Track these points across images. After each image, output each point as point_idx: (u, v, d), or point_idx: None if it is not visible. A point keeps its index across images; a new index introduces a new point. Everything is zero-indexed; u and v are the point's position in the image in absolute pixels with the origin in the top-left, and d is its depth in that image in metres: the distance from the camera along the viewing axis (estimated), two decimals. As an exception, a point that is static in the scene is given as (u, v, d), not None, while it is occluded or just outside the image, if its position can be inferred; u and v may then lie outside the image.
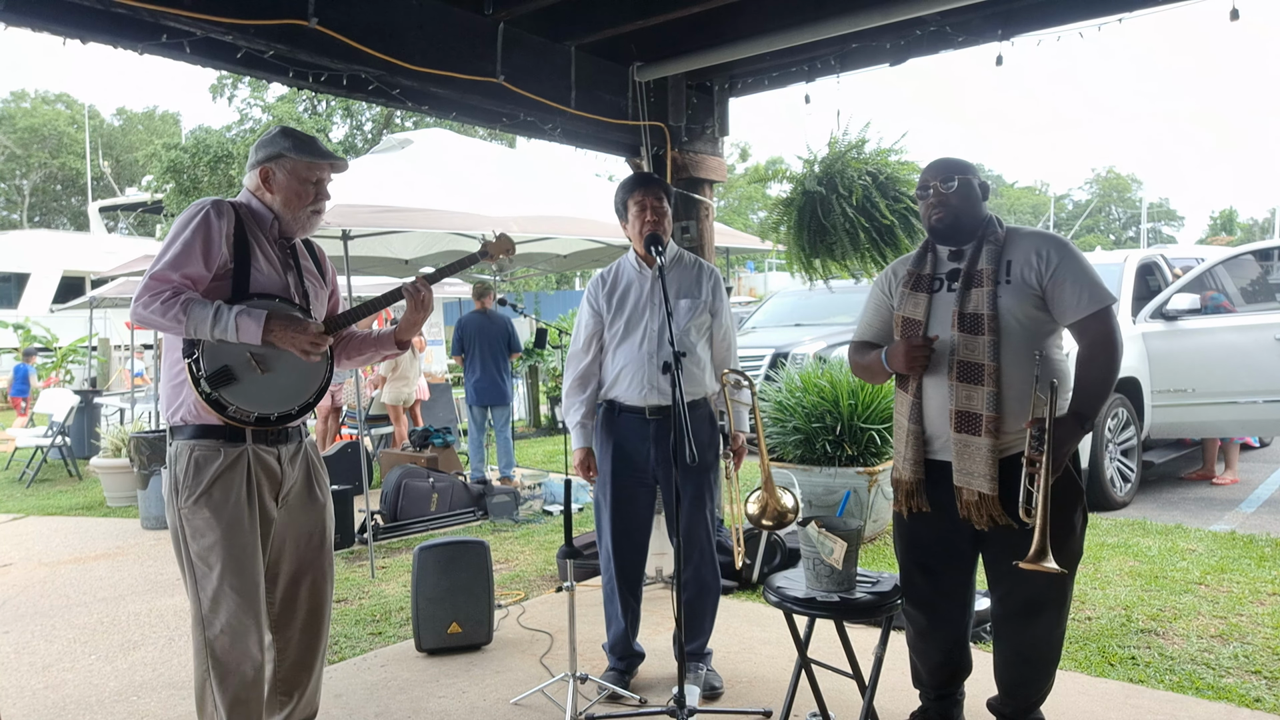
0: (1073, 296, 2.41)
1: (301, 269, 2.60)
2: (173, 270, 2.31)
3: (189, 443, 2.39)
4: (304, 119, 24.59)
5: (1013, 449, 2.42)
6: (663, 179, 3.42)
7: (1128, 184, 57.42)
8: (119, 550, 5.97)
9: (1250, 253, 6.83)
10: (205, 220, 2.36)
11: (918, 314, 2.56)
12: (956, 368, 2.45)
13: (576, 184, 8.06)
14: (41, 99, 43.15)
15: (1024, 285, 2.44)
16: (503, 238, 2.87)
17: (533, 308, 15.24)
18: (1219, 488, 6.75)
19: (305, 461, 2.59)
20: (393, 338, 2.73)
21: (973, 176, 2.56)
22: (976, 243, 2.53)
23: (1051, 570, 2.25)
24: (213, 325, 2.28)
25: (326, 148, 2.59)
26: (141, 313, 2.29)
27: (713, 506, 3.32)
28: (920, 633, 2.69)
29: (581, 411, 3.31)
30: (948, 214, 2.53)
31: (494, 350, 7.69)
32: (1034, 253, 2.45)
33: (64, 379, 15.66)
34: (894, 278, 2.71)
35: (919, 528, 2.60)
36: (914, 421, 2.54)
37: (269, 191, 2.51)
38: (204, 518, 2.36)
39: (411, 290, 2.61)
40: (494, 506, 6.46)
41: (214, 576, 2.36)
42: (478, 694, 3.34)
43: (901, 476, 2.59)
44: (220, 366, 2.34)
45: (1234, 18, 3.53)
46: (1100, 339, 2.40)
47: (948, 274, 2.57)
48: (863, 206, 4.62)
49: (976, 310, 2.44)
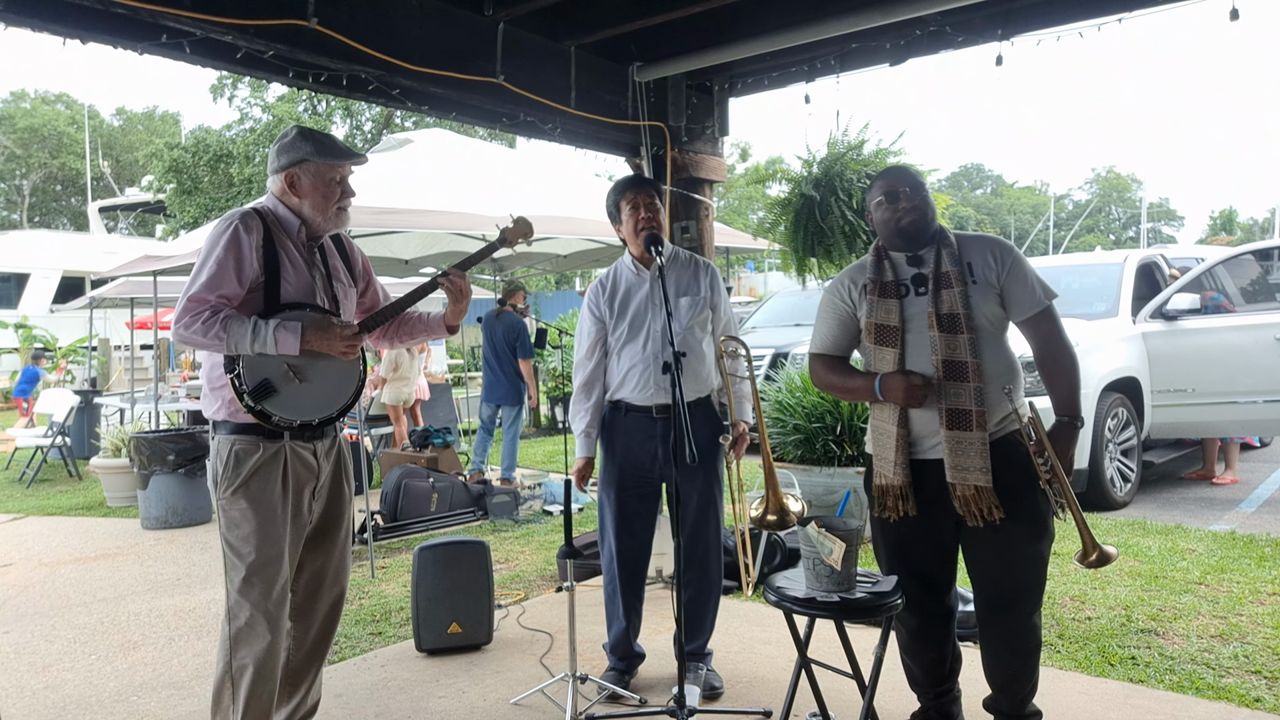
0: (1025, 294, 2.55)
1: (330, 270, 2.65)
2: (209, 291, 2.39)
3: (230, 437, 2.48)
4: (304, 119, 24.56)
5: (994, 436, 2.52)
6: (653, 180, 3.43)
7: (1128, 184, 57.44)
8: (119, 550, 5.97)
9: (1250, 253, 6.83)
10: (235, 237, 2.42)
11: (891, 320, 2.59)
12: (942, 367, 2.51)
13: (576, 184, 8.06)
14: (41, 99, 43.16)
15: (986, 285, 2.57)
16: (520, 221, 2.90)
17: (533, 308, 15.23)
18: (1219, 488, 6.75)
19: (338, 455, 2.67)
20: (443, 322, 2.80)
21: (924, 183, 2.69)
22: (935, 248, 2.61)
23: (1112, 556, 2.41)
24: (252, 340, 2.37)
25: (346, 146, 2.63)
26: (183, 334, 2.38)
27: (722, 507, 3.32)
28: (912, 633, 2.72)
29: (586, 420, 3.32)
30: (919, 217, 2.61)
31: (507, 350, 7.69)
32: (989, 254, 2.60)
33: (64, 379, 15.67)
34: (853, 286, 2.71)
35: (905, 531, 2.62)
36: (900, 425, 2.56)
37: (295, 196, 2.55)
38: (240, 508, 2.44)
39: (449, 284, 2.67)
40: (494, 506, 6.45)
41: (244, 567, 2.44)
42: (478, 694, 3.34)
43: (890, 482, 2.58)
44: (261, 380, 2.43)
45: (1234, 18, 3.53)
46: (1053, 336, 2.56)
47: (911, 279, 2.63)
48: (862, 210, 4.62)
49: (952, 310, 2.52)
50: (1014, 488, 2.48)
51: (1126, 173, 58.90)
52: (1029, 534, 2.50)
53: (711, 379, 3.27)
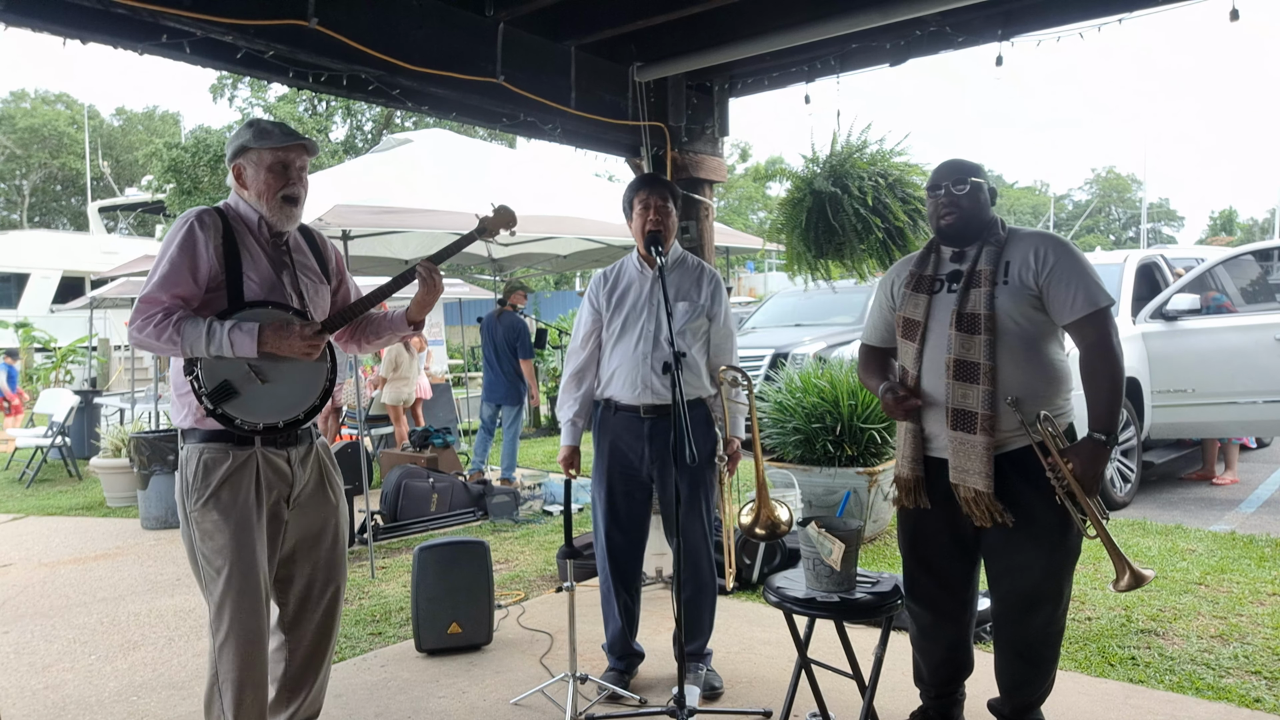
0: (1068, 296, 2.41)
1: (296, 266, 2.56)
2: (162, 291, 2.32)
3: (198, 446, 2.40)
4: (304, 119, 24.61)
5: (1008, 445, 2.45)
6: (669, 182, 3.42)
7: (1128, 184, 57.37)
8: (119, 550, 5.97)
9: (1250, 253, 6.83)
10: (190, 235, 2.36)
11: (917, 314, 2.59)
12: (953, 367, 2.47)
13: (576, 184, 8.05)
14: (41, 99, 43.13)
15: (1021, 286, 2.46)
16: (502, 210, 2.79)
17: (532, 308, 15.24)
18: (1219, 488, 6.75)
19: (317, 462, 2.59)
20: (405, 318, 2.69)
21: (983, 180, 2.59)
22: (979, 245, 2.56)
23: (1146, 578, 2.32)
24: (207, 343, 2.30)
25: (288, 130, 2.51)
26: (137, 336, 2.32)
27: (710, 506, 3.32)
28: (923, 630, 2.70)
29: (574, 409, 3.32)
30: (958, 216, 2.55)
31: (507, 350, 7.69)
32: (1032, 253, 2.47)
33: (64, 379, 15.67)
34: (896, 279, 2.73)
35: (923, 523, 2.62)
36: (914, 421, 2.58)
37: (244, 187, 2.48)
38: (213, 520, 2.37)
39: (424, 274, 2.59)
40: (494, 506, 6.45)
41: (221, 579, 2.36)
42: (478, 694, 3.34)
43: (901, 473, 2.63)
44: (220, 382, 2.35)
45: (1234, 18, 3.53)
46: (1097, 343, 2.40)
47: (948, 275, 2.59)
48: (875, 207, 4.62)
49: (974, 310, 2.46)
50: (1028, 499, 2.43)
51: (1126, 173, 58.79)
52: (1041, 545, 2.45)
53: (703, 385, 3.27)
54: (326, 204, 5.63)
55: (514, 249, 8.35)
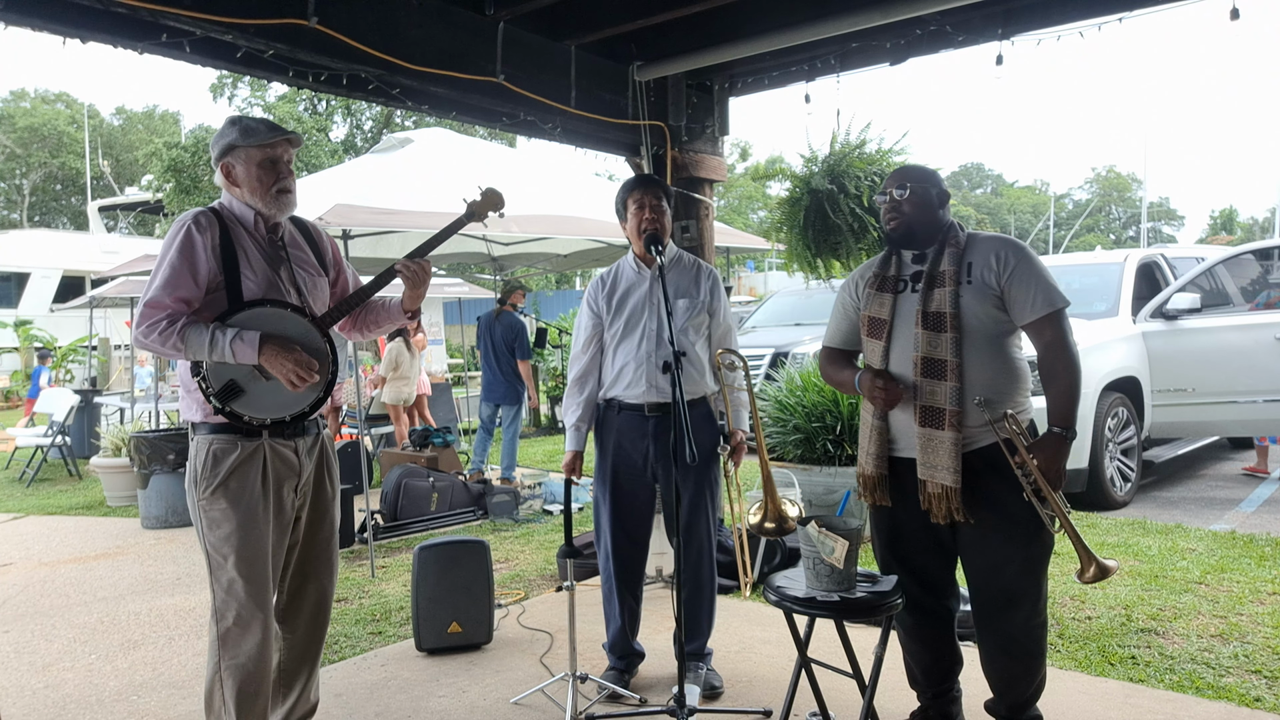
0: (1028, 297, 2.50)
1: (293, 260, 2.59)
2: (165, 295, 2.36)
3: (207, 437, 2.45)
4: (304, 119, 24.61)
5: (975, 443, 2.50)
6: (662, 179, 3.43)
7: (1128, 184, 57.37)
8: (119, 550, 5.97)
9: (1250, 252, 6.84)
10: (188, 238, 2.39)
11: (883, 313, 2.63)
12: (921, 364, 2.52)
13: (576, 184, 8.05)
14: (41, 99, 43.14)
15: (984, 286, 2.53)
16: (490, 192, 2.79)
17: (532, 308, 15.24)
18: (1219, 488, 6.75)
19: (320, 453, 2.63)
20: (400, 307, 2.73)
21: (930, 185, 2.64)
22: (938, 246, 2.62)
23: (1110, 569, 2.37)
24: (209, 351, 2.35)
25: (273, 124, 2.54)
26: (142, 341, 2.37)
27: (714, 505, 3.33)
28: (908, 631, 2.74)
29: (578, 414, 3.33)
30: (901, 220, 2.63)
31: (505, 350, 7.69)
32: (993, 255, 2.55)
33: (64, 379, 15.66)
34: (860, 281, 2.78)
35: (895, 521, 2.66)
36: (879, 418, 2.62)
37: (235, 185, 2.51)
38: (220, 508, 2.41)
39: (407, 272, 2.62)
40: (494, 506, 6.45)
41: (228, 567, 2.41)
42: (478, 693, 3.34)
43: (865, 470, 2.66)
44: (226, 382, 2.40)
45: (1234, 17, 3.53)
46: (1054, 342, 2.49)
47: (911, 276, 2.65)
48: (872, 207, 4.62)
49: (939, 309, 2.52)
50: (998, 494, 2.48)
51: (1126, 173, 58.81)
52: (1015, 541, 2.49)
53: (706, 383, 3.28)
54: (326, 204, 5.62)
55: (514, 248, 8.34)
